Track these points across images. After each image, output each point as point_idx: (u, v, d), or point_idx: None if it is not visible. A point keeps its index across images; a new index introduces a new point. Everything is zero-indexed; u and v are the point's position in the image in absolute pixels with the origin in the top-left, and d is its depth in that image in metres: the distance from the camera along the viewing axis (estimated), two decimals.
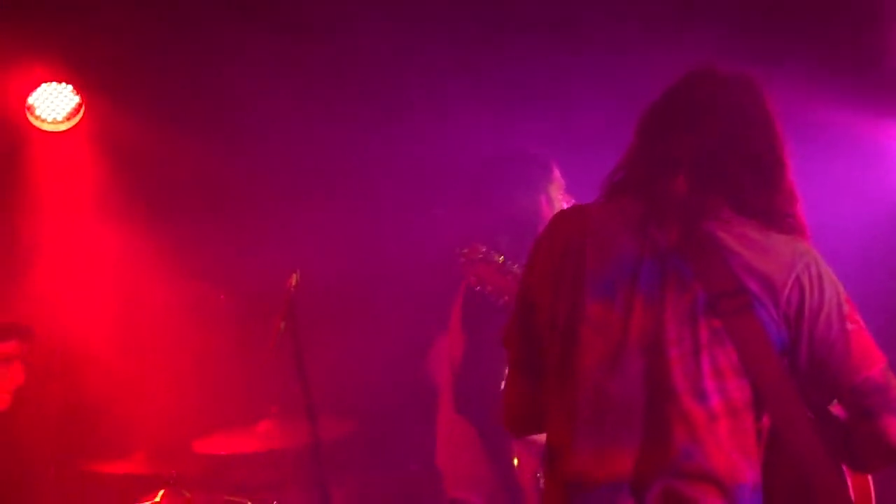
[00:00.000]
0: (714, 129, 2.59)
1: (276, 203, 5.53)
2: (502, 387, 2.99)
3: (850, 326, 2.46)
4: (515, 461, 3.97)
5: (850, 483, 2.53)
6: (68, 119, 5.46)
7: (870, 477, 2.62)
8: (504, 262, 3.65)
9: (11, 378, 4.47)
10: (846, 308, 2.47)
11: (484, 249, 3.66)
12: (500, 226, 4.12)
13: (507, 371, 2.86)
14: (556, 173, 4.24)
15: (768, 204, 2.56)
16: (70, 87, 5.44)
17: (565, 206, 4.03)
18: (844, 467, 2.52)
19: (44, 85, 5.42)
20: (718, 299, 2.43)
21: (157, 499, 4.19)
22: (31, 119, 5.43)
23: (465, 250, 3.69)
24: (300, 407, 4.20)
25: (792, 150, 2.64)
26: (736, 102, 2.63)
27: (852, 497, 2.48)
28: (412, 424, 5.11)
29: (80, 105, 5.46)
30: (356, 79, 5.47)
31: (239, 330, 5.42)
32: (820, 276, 2.47)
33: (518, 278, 3.45)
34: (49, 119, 5.44)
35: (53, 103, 5.44)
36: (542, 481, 3.79)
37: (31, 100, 5.42)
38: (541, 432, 2.74)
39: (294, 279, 4.19)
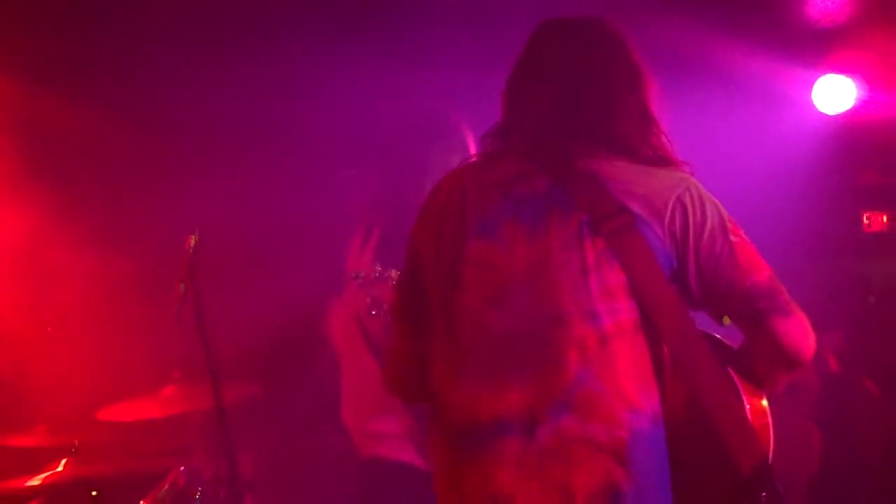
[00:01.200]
0: (563, 77, 2.65)
1: (177, 166, 5.46)
2: None
3: (733, 238, 2.51)
4: None
5: (748, 406, 2.53)
6: None
7: (765, 401, 2.61)
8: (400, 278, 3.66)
9: None
10: (729, 224, 2.53)
11: (379, 268, 3.65)
12: (411, 187, 4.10)
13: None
14: (471, 138, 4.23)
15: (622, 134, 2.60)
16: None
17: None
18: (740, 389, 2.53)
19: None
20: (601, 221, 2.46)
21: (60, 468, 4.11)
22: None
23: (360, 273, 3.68)
24: (203, 371, 4.16)
25: (687, 91, 2.68)
26: (580, 46, 2.69)
27: (749, 418, 2.49)
28: (316, 386, 5.09)
29: None
30: (263, 37, 5.40)
31: (141, 295, 5.34)
32: (700, 197, 2.52)
33: None
34: None
35: None
36: None
37: None
38: (424, 398, 2.71)
39: (193, 240, 4.11)
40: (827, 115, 6.03)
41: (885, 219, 6.36)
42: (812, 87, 5.98)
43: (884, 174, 6.40)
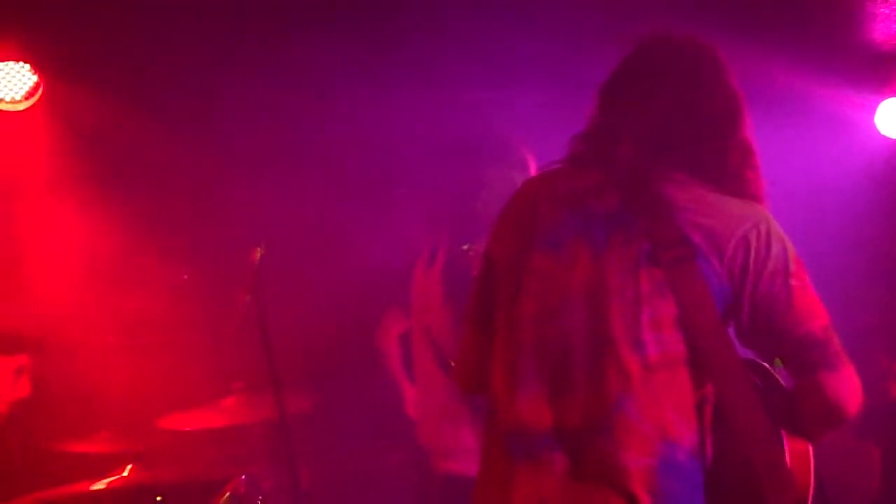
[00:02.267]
0: (663, 93, 2.63)
1: (238, 179, 5.51)
2: None
3: (793, 283, 2.48)
4: None
5: (788, 449, 2.51)
6: (26, 98, 5.40)
7: (809, 446, 2.60)
8: None
9: (18, 391, 4.49)
10: (793, 266, 2.49)
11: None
12: (469, 203, 4.16)
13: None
14: (529, 158, 4.27)
15: (721, 164, 2.59)
16: (27, 66, 5.38)
17: None
18: (784, 434, 2.51)
19: (0, 64, 5.37)
20: (661, 250, 2.45)
21: (126, 473, 4.17)
22: None
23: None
24: (265, 382, 4.21)
25: (753, 116, 2.67)
26: (687, 66, 2.67)
27: (788, 463, 2.46)
28: (374, 399, 5.14)
29: (37, 84, 5.41)
30: (325, 50, 5.45)
31: (203, 306, 5.41)
32: (769, 234, 2.49)
33: None
34: (7, 98, 5.39)
35: (11, 82, 5.39)
36: None
37: None
38: (487, 389, 2.75)
39: (258, 253, 4.18)
40: (890, 139, 5.97)
41: None
42: (875, 110, 5.95)
43: None
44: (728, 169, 2.59)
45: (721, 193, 2.55)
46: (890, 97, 5.89)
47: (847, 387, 2.46)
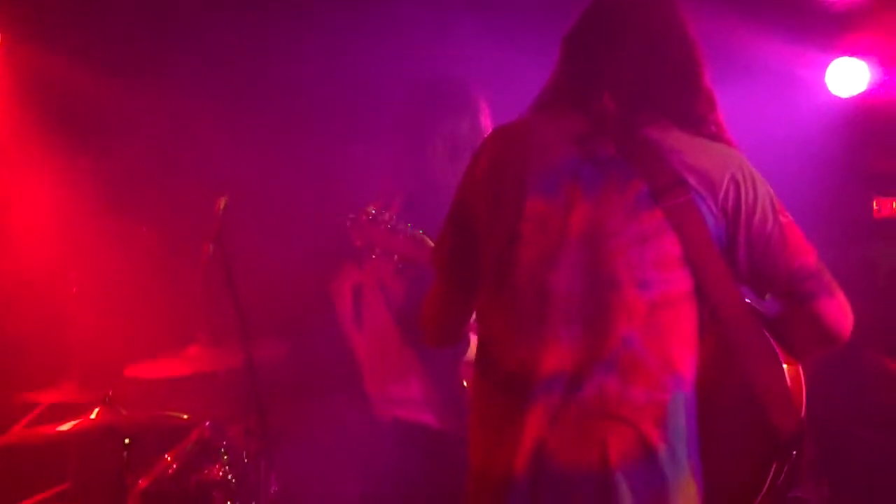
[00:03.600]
0: (633, 42, 2.70)
1: (201, 129, 5.50)
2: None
3: (783, 219, 2.59)
4: (465, 383, 4.05)
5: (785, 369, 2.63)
6: None
7: (800, 367, 2.71)
8: (394, 222, 3.72)
9: None
10: (777, 204, 2.61)
11: (373, 211, 3.72)
12: (439, 150, 4.15)
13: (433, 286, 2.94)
14: (484, 105, 4.26)
15: (690, 109, 2.68)
16: None
17: None
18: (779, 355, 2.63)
19: None
20: (661, 192, 2.53)
21: (93, 416, 4.20)
22: None
23: (352, 216, 3.76)
24: (228, 332, 4.25)
25: (711, 66, 2.75)
26: (652, 14, 2.74)
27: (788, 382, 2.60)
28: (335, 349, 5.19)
29: None
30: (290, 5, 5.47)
31: (167, 257, 5.44)
32: (753, 176, 2.60)
33: (409, 237, 3.63)
34: None
35: None
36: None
37: None
38: (458, 341, 2.94)
39: (222, 203, 4.19)
40: (840, 98, 6.04)
41: (894, 204, 6.38)
42: (826, 69, 6.01)
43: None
44: (700, 115, 2.68)
45: (698, 135, 2.64)
46: (840, 56, 5.98)
47: (843, 310, 2.58)
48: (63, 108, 5.51)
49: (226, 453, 4.32)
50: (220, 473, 4.27)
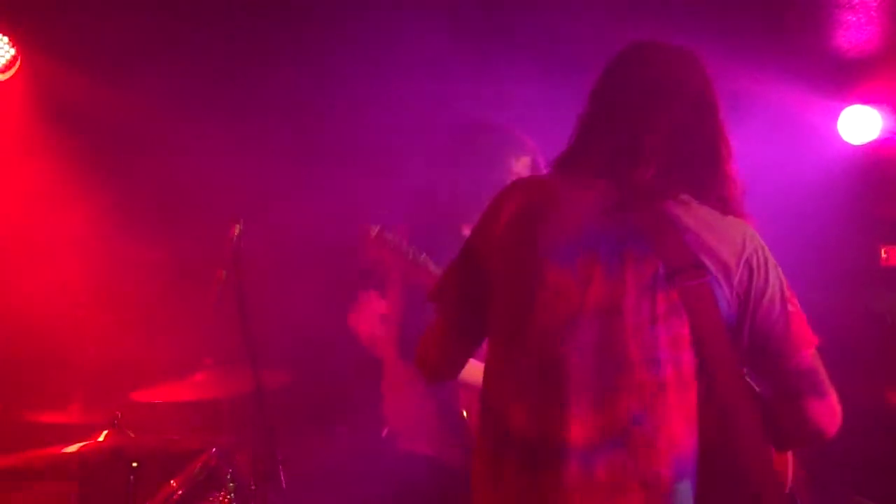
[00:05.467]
0: (672, 112, 2.66)
1: (217, 155, 5.50)
2: None
3: (790, 308, 2.59)
4: (465, 413, 4.05)
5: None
6: (3, 71, 5.39)
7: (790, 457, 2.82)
8: (399, 242, 3.75)
9: None
10: (787, 292, 2.60)
11: (377, 228, 3.75)
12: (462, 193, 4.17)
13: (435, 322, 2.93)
14: (541, 159, 4.26)
15: (720, 188, 2.66)
16: (6, 38, 5.38)
17: None
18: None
19: None
20: (677, 273, 2.52)
21: (101, 438, 4.19)
22: None
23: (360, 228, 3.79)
24: (235, 358, 4.25)
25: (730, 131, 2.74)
26: (688, 83, 2.70)
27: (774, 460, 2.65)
28: (351, 380, 5.18)
29: (15, 57, 5.41)
30: (308, 34, 5.49)
31: (176, 283, 5.44)
32: (766, 260, 2.59)
33: (414, 260, 3.71)
34: None
35: None
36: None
37: None
38: (452, 380, 2.95)
39: (237, 229, 4.21)
40: (852, 146, 6.04)
41: None
42: (838, 117, 6.03)
43: None
44: (723, 190, 2.66)
45: (719, 213, 2.62)
46: (852, 104, 5.99)
47: (831, 413, 2.60)
48: (78, 127, 5.53)
49: (232, 480, 4.31)
50: (226, 501, 4.26)
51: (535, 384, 2.56)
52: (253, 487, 4.28)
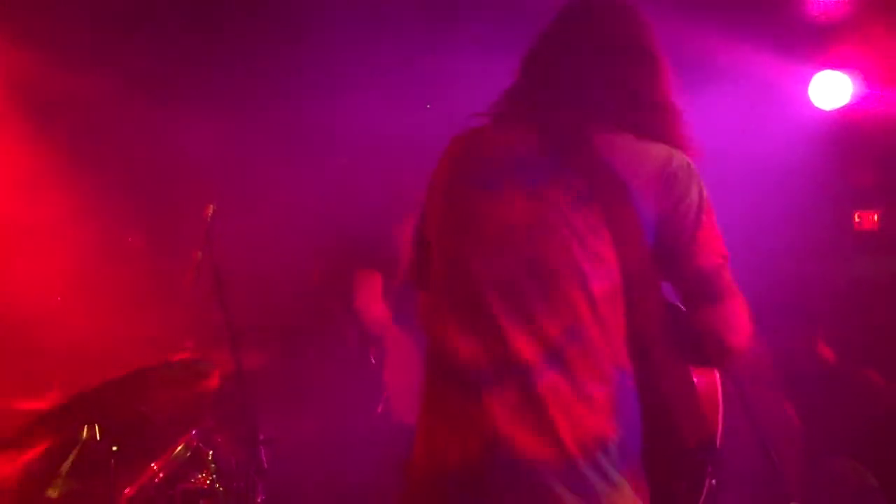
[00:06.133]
0: (589, 55, 2.77)
1: (190, 134, 5.49)
2: None
3: (703, 219, 2.62)
4: None
5: (697, 381, 2.70)
6: None
7: (718, 387, 2.79)
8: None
9: None
10: (706, 207, 2.63)
11: None
12: None
13: None
14: None
15: (647, 122, 2.71)
16: None
17: None
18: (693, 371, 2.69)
19: None
20: (598, 189, 2.58)
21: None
22: None
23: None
24: (215, 340, 4.24)
25: (688, 84, 2.78)
26: (611, 30, 2.80)
27: (698, 394, 2.66)
28: (327, 359, 5.18)
29: None
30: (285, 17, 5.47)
31: (152, 266, 5.43)
32: (690, 176, 2.63)
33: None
34: None
35: None
36: None
37: None
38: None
39: (210, 210, 4.21)
40: (823, 111, 6.09)
41: (875, 217, 6.41)
42: (809, 82, 6.06)
43: (877, 172, 6.45)
44: (659, 129, 2.71)
45: (643, 139, 2.67)
46: (823, 69, 6.03)
47: (729, 320, 2.61)
48: (51, 114, 5.51)
49: (213, 461, 4.30)
50: (208, 482, 4.26)
51: (467, 310, 2.60)
52: (234, 467, 4.29)
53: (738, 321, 2.61)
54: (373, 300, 4.61)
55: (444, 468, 2.57)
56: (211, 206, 4.22)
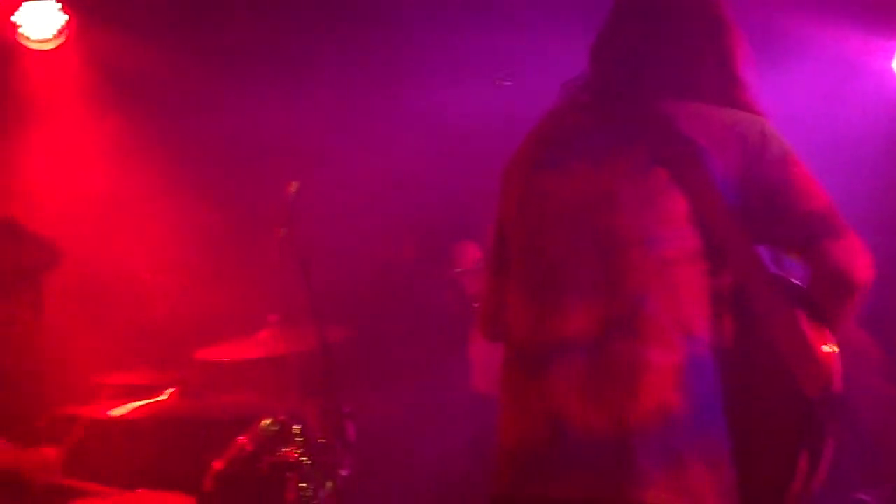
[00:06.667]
0: (645, 28, 2.76)
1: (274, 113, 5.53)
2: None
3: (794, 168, 2.55)
4: None
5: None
6: (56, 37, 5.42)
7: (834, 348, 2.62)
8: None
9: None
10: (790, 156, 2.57)
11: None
12: None
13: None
14: None
15: (718, 92, 2.68)
16: (58, 4, 5.40)
17: None
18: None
19: (28, 3, 5.36)
20: (666, 151, 2.54)
21: (166, 396, 4.22)
22: (19, 37, 5.39)
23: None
24: (299, 315, 4.27)
25: (769, 59, 2.75)
26: (666, 3, 2.79)
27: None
28: (408, 335, 5.21)
29: (68, 23, 5.42)
30: None
31: (237, 243, 5.48)
32: (763, 131, 2.58)
33: None
34: (36, 37, 5.40)
35: (41, 21, 5.39)
36: None
37: (16, 17, 5.36)
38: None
39: (294, 187, 4.23)
40: None
41: None
42: (893, 55, 5.97)
43: None
44: (722, 94, 2.68)
45: (714, 105, 2.64)
46: None
47: (851, 251, 2.52)
48: (135, 90, 5.55)
49: (300, 435, 4.34)
50: (295, 455, 4.30)
51: (535, 286, 2.59)
52: (321, 441, 4.33)
53: (861, 253, 2.52)
54: (471, 271, 4.59)
55: (511, 447, 2.57)
56: (295, 183, 4.24)
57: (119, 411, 4.22)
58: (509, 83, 4.17)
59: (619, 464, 2.38)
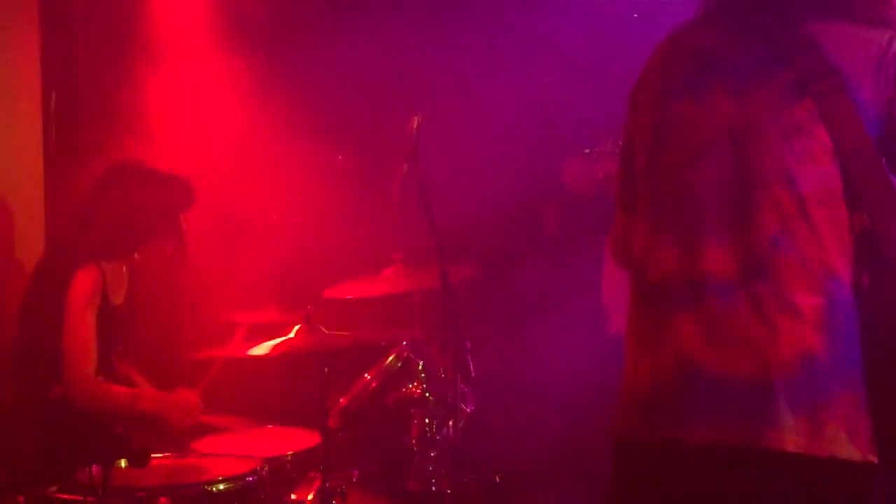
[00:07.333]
0: None
1: (400, 54, 5.51)
2: None
3: None
4: None
5: None
6: None
7: None
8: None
9: None
10: None
11: (611, 143, 3.63)
12: None
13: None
14: None
15: (864, 5, 2.47)
16: None
17: None
18: None
19: None
20: (811, 81, 2.36)
21: (292, 334, 4.26)
22: None
23: (590, 150, 3.67)
24: (424, 252, 4.26)
25: None
26: None
27: None
28: (533, 269, 5.16)
29: None
30: None
31: (361, 181, 5.50)
32: None
33: None
34: None
35: None
36: None
37: None
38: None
39: (416, 122, 4.18)
40: None
41: None
42: None
43: None
44: (866, 9, 2.47)
45: (860, 24, 2.44)
46: None
47: None
48: (258, 31, 5.59)
49: (423, 371, 4.35)
50: (419, 391, 4.32)
51: (670, 222, 2.47)
52: (443, 376, 4.33)
53: None
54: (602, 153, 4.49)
55: (641, 390, 2.47)
56: (416, 118, 4.20)
57: (250, 350, 4.25)
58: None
59: (760, 409, 2.29)
